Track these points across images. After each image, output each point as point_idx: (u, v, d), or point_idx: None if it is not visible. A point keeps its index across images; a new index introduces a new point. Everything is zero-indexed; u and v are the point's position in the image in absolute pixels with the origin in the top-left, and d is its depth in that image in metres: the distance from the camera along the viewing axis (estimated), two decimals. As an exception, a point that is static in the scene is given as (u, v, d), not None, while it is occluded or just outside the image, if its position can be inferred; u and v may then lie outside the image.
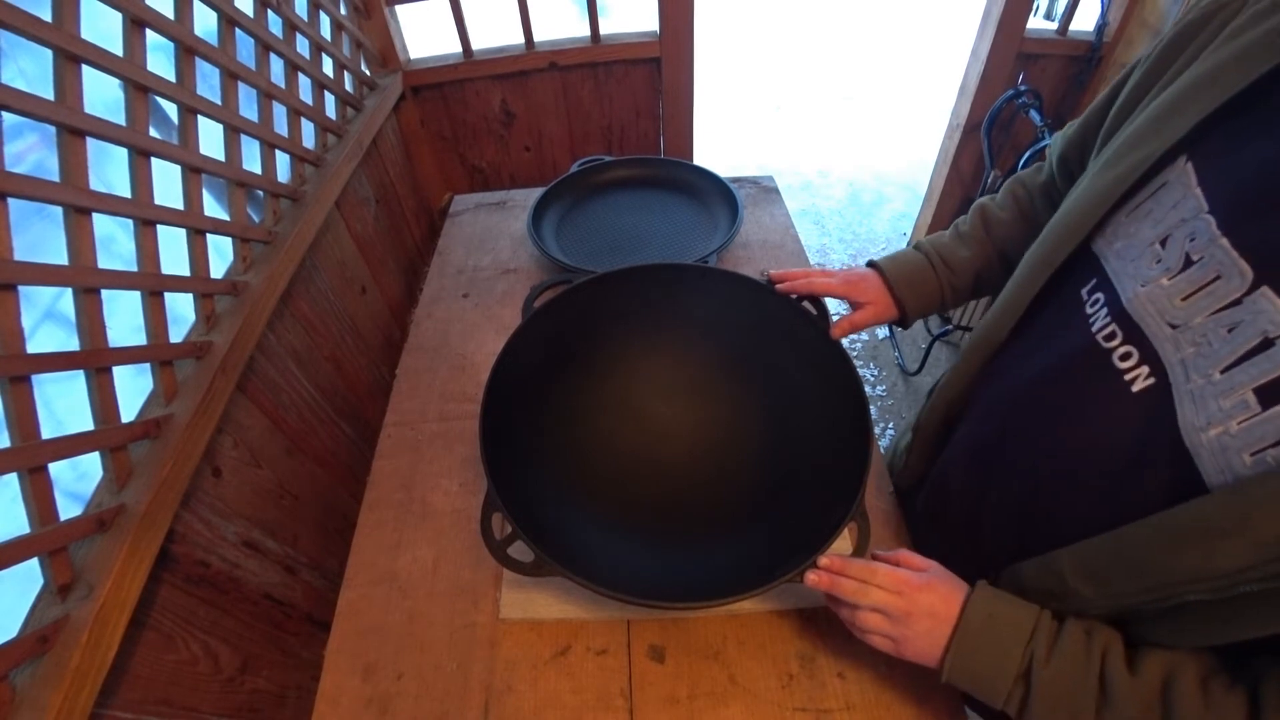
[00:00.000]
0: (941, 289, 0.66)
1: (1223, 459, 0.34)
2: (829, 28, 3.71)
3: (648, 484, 0.68)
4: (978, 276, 0.66)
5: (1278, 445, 0.32)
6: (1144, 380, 0.39)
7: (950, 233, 0.68)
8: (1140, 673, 0.39)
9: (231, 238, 0.78)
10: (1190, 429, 0.35)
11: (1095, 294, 0.43)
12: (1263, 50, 0.36)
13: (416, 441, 0.78)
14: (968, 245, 0.66)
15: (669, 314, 0.72)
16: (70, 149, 0.55)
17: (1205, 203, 0.37)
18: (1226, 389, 0.34)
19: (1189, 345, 0.36)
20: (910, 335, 1.91)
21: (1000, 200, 0.66)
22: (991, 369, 0.54)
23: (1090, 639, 0.42)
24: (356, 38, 1.16)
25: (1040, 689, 0.42)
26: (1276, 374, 0.32)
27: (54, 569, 0.51)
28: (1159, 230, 0.39)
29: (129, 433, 0.59)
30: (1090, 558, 0.41)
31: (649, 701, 0.57)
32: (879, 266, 0.68)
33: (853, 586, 0.49)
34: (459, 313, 0.95)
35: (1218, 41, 0.40)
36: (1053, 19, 1.45)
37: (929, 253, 0.67)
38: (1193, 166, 0.39)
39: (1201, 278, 0.36)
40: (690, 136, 1.49)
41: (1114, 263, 0.43)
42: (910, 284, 0.66)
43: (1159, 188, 0.41)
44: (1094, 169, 0.46)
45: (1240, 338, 0.34)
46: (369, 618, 0.63)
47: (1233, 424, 0.33)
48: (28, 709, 0.46)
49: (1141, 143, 0.42)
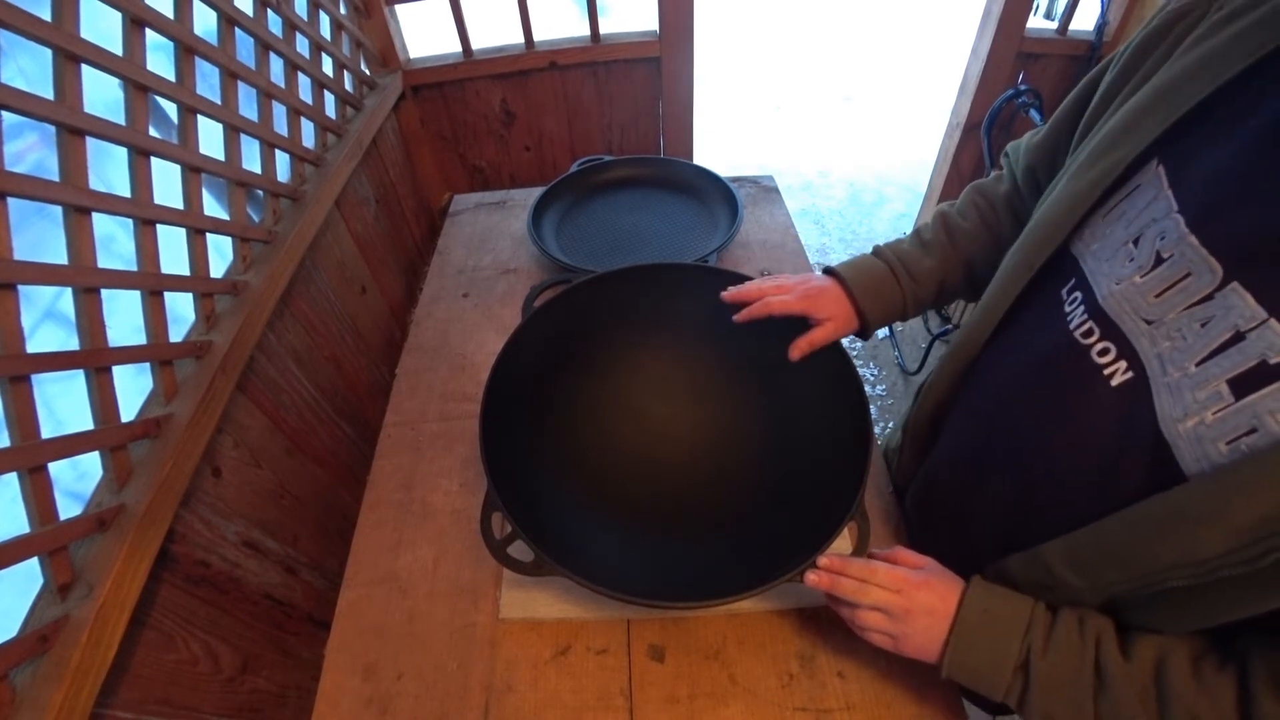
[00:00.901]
0: (904, 299, 0.65)
1: (1199, 449, 0.35)
2: (829, 28, 3.71)
3: (648, 483, 0.68)
4: (941, 285, 0.65)
5: (1252, 434, 0.33)
6: (1122, 374, 0.40)
7: (911, 240, 0.67)
8: (1133, 657, 0.41)
9: (231, 237, 0.78)
10: (1168, 420, 0.36)
11: (1074, 293, 0.44)
12: (1222, 59, 0.38)
13: (416, 441, 0.78)
14: (932, 255, 0.64)
15: (669, 314, 0.72)
16: (70, 148, 0.55)
17: (1175, 203, 0.38)
18: (1201, 381, 0.35)
19: (1165, 340, 0.37)
20: (910, 335, 1.91)
21: (961, 209, 0.65)
22: (976, 369, 0.54)
23: (1084, 627, 0.43)
24: (356, 37, 1.16)
25: (1038, 680, 0.43)
26: (1248, 365, 0.33)
27: (54, 568, 0.51)
28: (1131, 230, 0.41)
29: (129, 432, 0.59)
30: (1076, 549, 0.42)
31: (649, 701, 0.57)
32: (839, 275, 0.65)
33: (852, 586, 0.49)
34: (459, 313, 0.95)
35: (1181, 49, 0.41)
36: (1053, 18, 1.44)
37: (891, 262, 0.65)
38: (1164, 169, 0.40)
39: (1172, 275, 0.37)
40: (690, 136, 1.49)
41: (1090, 263, 0.44)
42: (873, 295, 0.64)
43: (1133, 190, 0.42)
44: (1069, 172, 0.47)
45: (1213, 332, 0.35)
46: (369, 618, 0.63)
47: (1208, 414, 0.35)
48: (28, 708, 0.46)
49: (1114, 147, 0.43)
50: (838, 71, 3.31)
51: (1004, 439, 0.50)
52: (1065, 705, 0.42)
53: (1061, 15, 1.41)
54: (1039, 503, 0.46)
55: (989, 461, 0.51)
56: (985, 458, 0.52)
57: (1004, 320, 0.51)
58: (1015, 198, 0.62)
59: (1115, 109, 0.45)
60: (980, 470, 0.52)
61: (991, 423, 0.51)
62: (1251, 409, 0.33)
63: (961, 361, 0.55)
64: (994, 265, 0.61)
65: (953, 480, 0.57)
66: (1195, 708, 0.38)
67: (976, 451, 0.53)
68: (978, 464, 0.53)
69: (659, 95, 1.41)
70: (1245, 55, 0.36)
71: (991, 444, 0.51)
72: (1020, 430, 0.48)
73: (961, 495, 0.55)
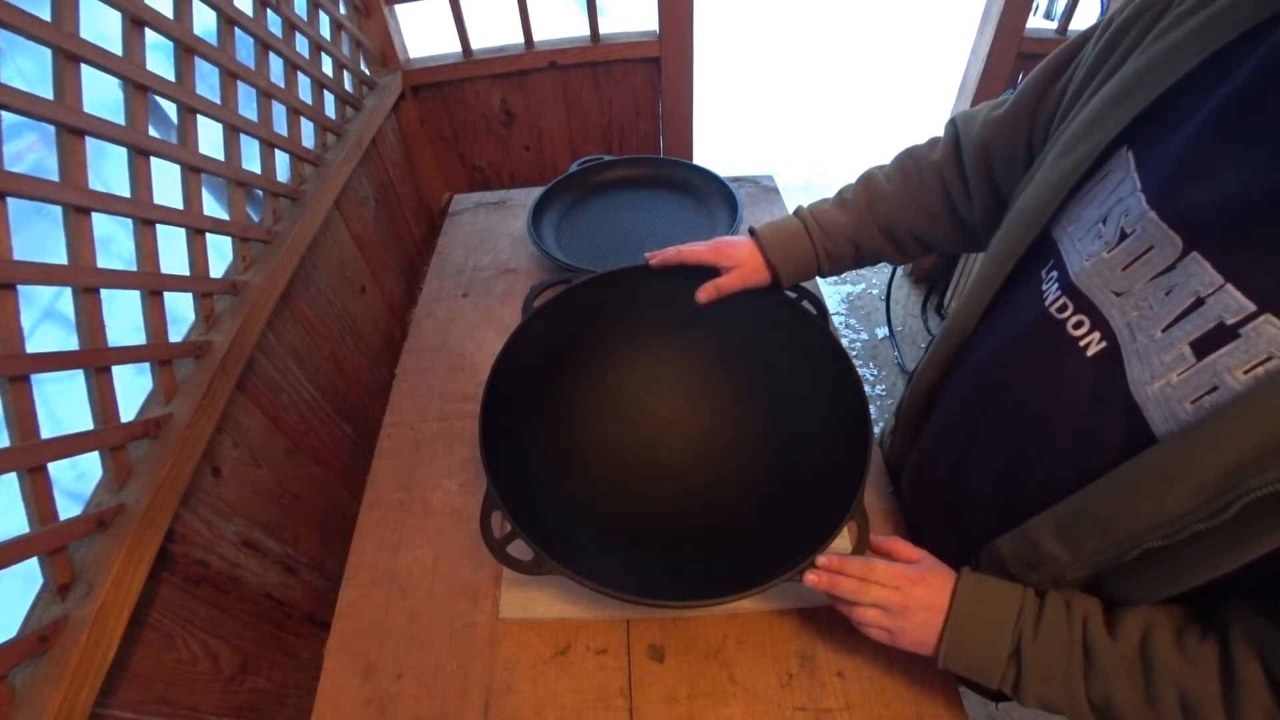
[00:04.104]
0: (816, 253, 0.68)
1: (1167, 409, 0.37)
2: (829, 28, 3.70)
3: (647, 483, 0.68)
4: (856, 245, 0.68)
5: (1213, 392, 0.35)
6: (1096, 345, 0.41)
7: (834, 199, 0.70)
8: (1119, 634, 0.42)
9: (231, 237, 0.78)
10: (1138, 384, 0.38)
11: (1051, 272, 0.46)
12: (1183, 50, 0.40)
13: (416, 441, 0.78)
14: (848, 212, 0.67)
15: (669, 313, 0.72)
16: (69, 148, 0.55)
17: (1139, 183, 0.40)
18: (1166, 345, 0.37)
19: (1133, 309, 0.39)
20: (910, 335, 1.91)
21: (888, 171, 0.68)
22: (963, 352, 0.56)
23: (1070, 609, 0.44)
24: (356, 37, 1.16)
25: (1030, 665, 0.45)
26: (1208, 328, 0.35)
27: (54, 568, 0.51)
28: (1100, 211, 0.43)
29: (128, 432, 0.59)
30: (1060, 520, 0.43)
31: (649, 701, 0.57)
32: (754, 232, 0.69)
33: (852, 585, 0.50)
34: (459, 312, 0.95)
35: (1147, 41, 0.43)
36: (1052, 19, 1.44)
37: (805, 218, 0.68)
38: (1132, 154, 0.42)
39: (1136, 249, 0.39)
40: (690, 136, 1.48)
41: (1066, 243, 0.46)
42: (783, 247, 0.67)
43: (1105, 175, 0.44)
44: (1047, 160, 0.49)
45: (1176, 299, 0.37)
46: (369, 617, 0.63)
47: (1174, 376, 0.36)
48: (28, 708, 0.46)
49: (1088, 136, 0.45)
50: (838, 71, 3.31)
51: (989, 416, 0.51)
52: (1057, 687, 0.44)
53: (1061, 15, 1.41)
54: (1026, 475, 0.47)
55: (975, 438, 0.53)
56: (972, 435, 0.53)
57: (991, 303, 0.53)
58: (947, 167, 0.63)
59: (1088, 98, 0.47)
60: (967, 448, 0.53)
61: (977, 401, 0.53)
62: (1211, 368, 0.35)
63: (951, 345, 0.57)
64: (915, 230, 0.65)
65: (942, 459, 0.58)
66: (1180, 677, 0.39)
67: (964, 429, 0.54)
68: (965, 441, 0.54)
69: (659, 95, 1.41)
70: (1203, 47, 0.38)
71: (977, 421, 0.52)
72: (1004, 405, 0.49)
73: (951, 473, 0.56)
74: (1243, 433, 0.33)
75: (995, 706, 0.69)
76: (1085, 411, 0.42)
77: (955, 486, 0.56)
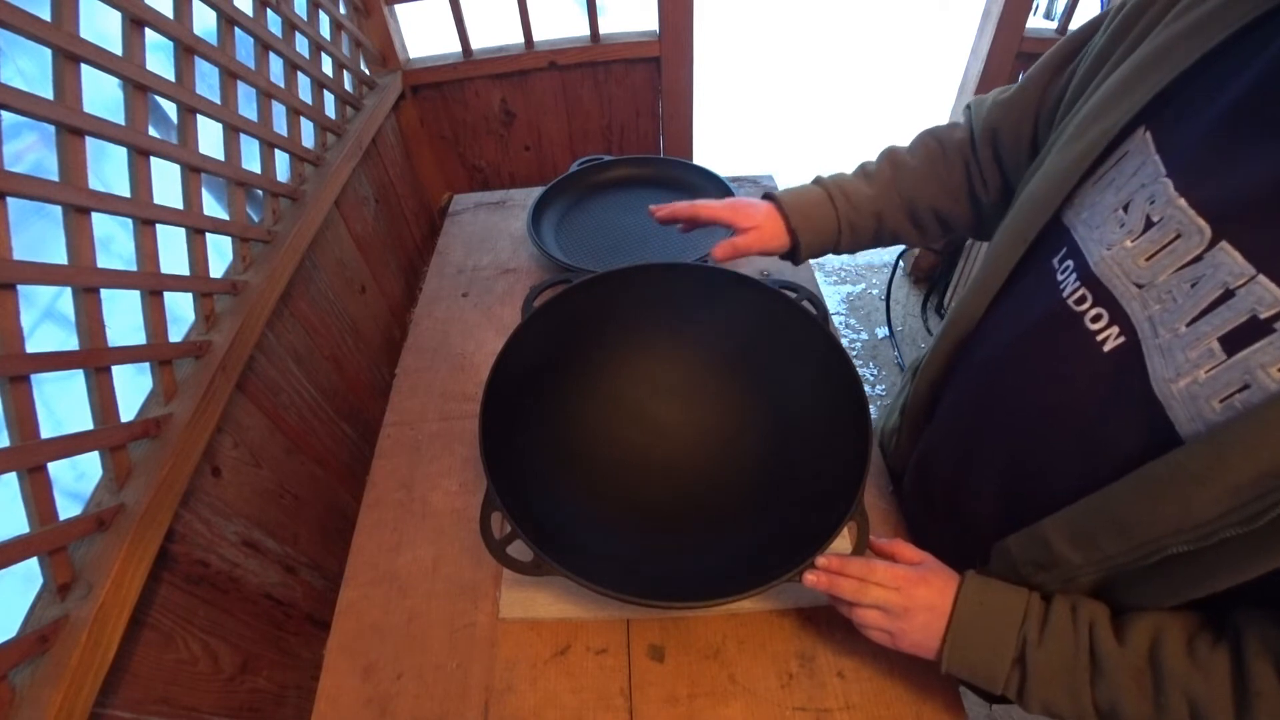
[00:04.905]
0: (839, 222, 0.65)
1: (1193, 407, 0.35)
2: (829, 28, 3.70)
3: (647, 483, 0.68)
4: (879, 217, 0.65)
5: (1244, 390, 0.33)
6: (1114, 340, 0.40)
7: (855, 171, 0.68)
8: (1127, 641, 0.41)
9: (231, 237, 0.78)
10: (1161, 381, 0.37)
11: (1065, 261, 0.45)
12: (1207, 27, 0.38)
13: (416, 441, 0.78)
14: (873, 184, 0.65)
15: (668, 313, 0.72)
16: (69, 148, 0.55)
17: (1163, 167, 0.38)
18: (1192, 340, 0.35)
19: (1155, 302, 0.38)
20: (910, 335, 1.91)
21: (912, 147, 0.66)
22: (970, 344, 0.54)
23: (1076, 614, 0.43)
24: (356, 37, 1.16)
25: (1035, 670, 0.43)
26: (1239, 322, 0.33)
27: (53, 568, 0.51)
28: (1121, 197, 0.41)
29: (128, 432, 0.59)
30: (1075, 522, 0.42)
31: (649, 701, 0.57)
32: (774, 196, 0.67)
33: (851, 586, 0.49)
34: (459, 312, 0.95)
35: (1168, 19, 0.41)
36: (1052, 18, 1.44)
37: (829, 186, 0.66)
38: (1151, 135, 0.40)
39: (1162, 238, 0.37)
40: (690, 136, 1.48)
41: (1081, 230, 0.44)
42: (805, 213, 0.65)
43: (1121, 158, 0.42)
44: (1057, 145, 0.47)
45: (1203, 291, 0.35)
46: (369, 618, 0.63)
47: (1200, 373, 0.35)
48: (28, 708, 0.46)
49: (1102, 116, 0.43)
50: (838, 71, 3.31)
51: (998, 410, 0.50)
52: (1062, 693, 0.43)
53: (1061, 15, 1.41)
54: (1034, 474, 0.46)
55: (984, 434, 0.51)
56: (980, 431, 0.52)
57: (999, 294, 0.51)
58: (968, 147, 0.63)
59: (1101, 80, 0.45)
60: (976, 444, 0.52)
61: (986, 395, 0.51)
62: (1243, 364, 0.33)
63: (956, 337, 0.55)
64: (937, 206, 0.63)
65: (949, 457, 0.57)
66: (1190, 686, 0.38)
67: (972, 425, 0.53)
68: (973, 437, 0.53)
69: (659, 95, 1.41)
70: (1229, 23, 0.37)
71: (986, 416, 0.51)
72: (1014, 400, 0.48)
73: (958, 470, 0.55)
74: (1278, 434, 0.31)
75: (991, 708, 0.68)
76: (1099, 409, 0.40)
77: (962, 482, 0.55)
